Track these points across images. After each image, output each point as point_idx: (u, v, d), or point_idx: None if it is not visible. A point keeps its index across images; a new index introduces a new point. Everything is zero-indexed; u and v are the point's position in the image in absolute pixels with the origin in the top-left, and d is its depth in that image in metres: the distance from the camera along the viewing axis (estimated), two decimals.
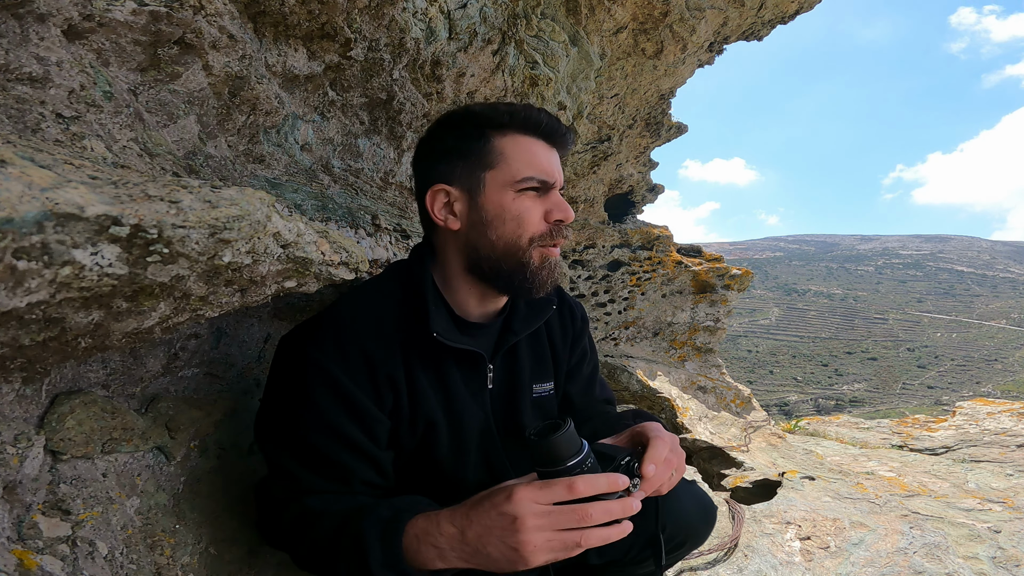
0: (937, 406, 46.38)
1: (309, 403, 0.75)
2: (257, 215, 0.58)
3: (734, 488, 2.23)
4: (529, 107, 0.84)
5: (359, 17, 0.98)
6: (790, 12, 2.48)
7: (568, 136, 0.87)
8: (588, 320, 1.11)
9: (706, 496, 1.02)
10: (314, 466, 0.76)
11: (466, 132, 0.83)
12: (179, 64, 0.76)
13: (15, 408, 0.65)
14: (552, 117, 0.85)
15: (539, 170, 0.82)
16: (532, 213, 0.81)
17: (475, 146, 0.82)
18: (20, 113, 0.58)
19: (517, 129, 0.83)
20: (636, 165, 3.18)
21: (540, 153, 0.83)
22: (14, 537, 0.61)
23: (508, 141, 0.82)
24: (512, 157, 0.81)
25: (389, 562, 0.64)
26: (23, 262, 0.40)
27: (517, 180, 0.81)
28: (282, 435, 0.77)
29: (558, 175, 0.85)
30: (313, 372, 0.75)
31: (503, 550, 0.60)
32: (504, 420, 0.92)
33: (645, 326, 3.59)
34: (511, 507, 0.60)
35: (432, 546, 0.63)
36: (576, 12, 1.67)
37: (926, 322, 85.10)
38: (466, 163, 0.82)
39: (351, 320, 0.80)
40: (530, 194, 0.82)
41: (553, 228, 0.83)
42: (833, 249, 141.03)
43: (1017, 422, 2.88)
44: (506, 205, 0.81)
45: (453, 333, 0.83)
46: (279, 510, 0.77)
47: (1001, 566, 1.60)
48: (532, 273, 0.82)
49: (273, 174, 1.07)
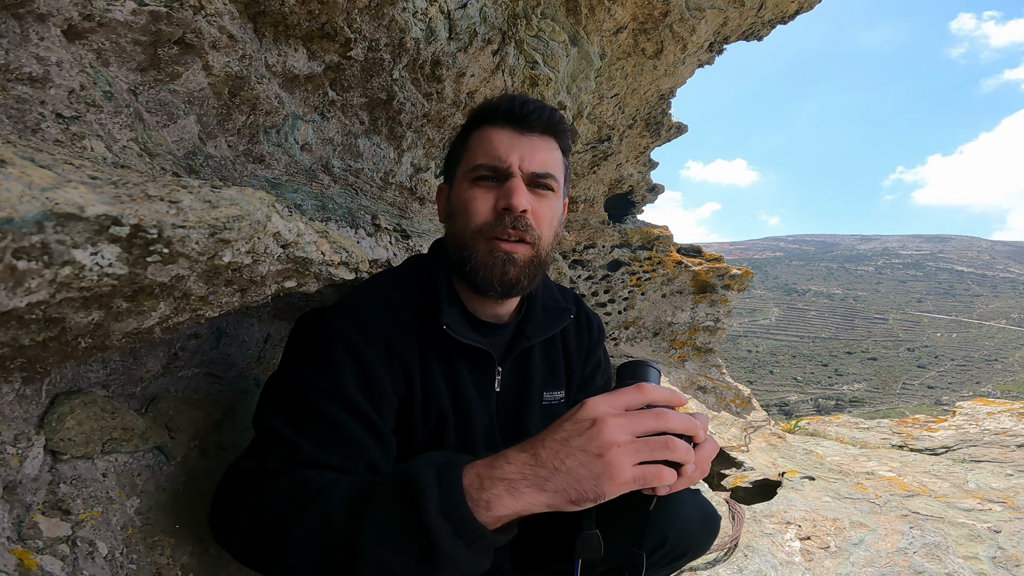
0: (937, 406, 46.40)
1: (324, 363, 0.70)
2: (257, 215, 0.58)
3: (734, 488, 2.23)
4: (510, 98, 0.81)
5: (359, 17, 0.98)
6: (790, 12, 2.48)
7: (538, 115, 0.80)
8: (604, 331, 1.09)
9: (709, 505, 0.97)
10: (318, 435, 0.66)
11: (459, 134, 0.89)
12: (179, 64, 0.76)
13: (15, 408, 0.65)
14: (518, 101, 0.80)
15: (489, 156, 0.79)
16: (479, 202, 0.78)
17: (457, 145, 0.87)
18: (20, 113, 0.58)
19: (484, 121, 0.82)
20: (636, 165, 3.18)
21: (498, 140, 0.79)
22: (14, 537, 0.61)
23: (475, 134, 0.83)
24: (473, 148, 0.82)
25: (448, 507, 0.50)
26: (23, 262, 0.40)
27: (470, 169, 0.80)
28: (287, 398, 0.69)
29: (515, 160, 0.78)
30: (332, 334, 0.72)
31: (585, 460, 0.50)
32: (509, 425, 0.89)
33: (645, 326, 3.59)
34: (587, 412, 0.53)
35: (499, 479, 0.51)
36: (576, 12, 1.67)
37: (926, 322, 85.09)
38: (452, 161, 0.87)
39: (370, 302, 0.79)
40: (484, 184, 0.79)
41: (499, 217, 0.77)
42: (833, 249, 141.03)
43: (1017, 422, 2.88)
44: (460, 196, 0.81)
45: (464, 329, 0.81)
46: (262, 485, 0.62)
47: (1001, 566, 1.60)
48: (473, 268, 0.78)
49: (273, 174, 1.07)
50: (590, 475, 0.50)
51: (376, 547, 0.52)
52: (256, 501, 0.61)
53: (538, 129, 0.81)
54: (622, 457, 0.50)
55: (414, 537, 0.50)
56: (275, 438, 0.66)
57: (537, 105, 0.81)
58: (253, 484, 0.63)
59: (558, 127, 0.83)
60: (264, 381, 1.12)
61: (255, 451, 0.67)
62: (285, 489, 0.60)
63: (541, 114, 0.80)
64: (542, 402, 0.93)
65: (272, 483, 0.62)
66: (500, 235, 0.78)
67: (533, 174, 0.79)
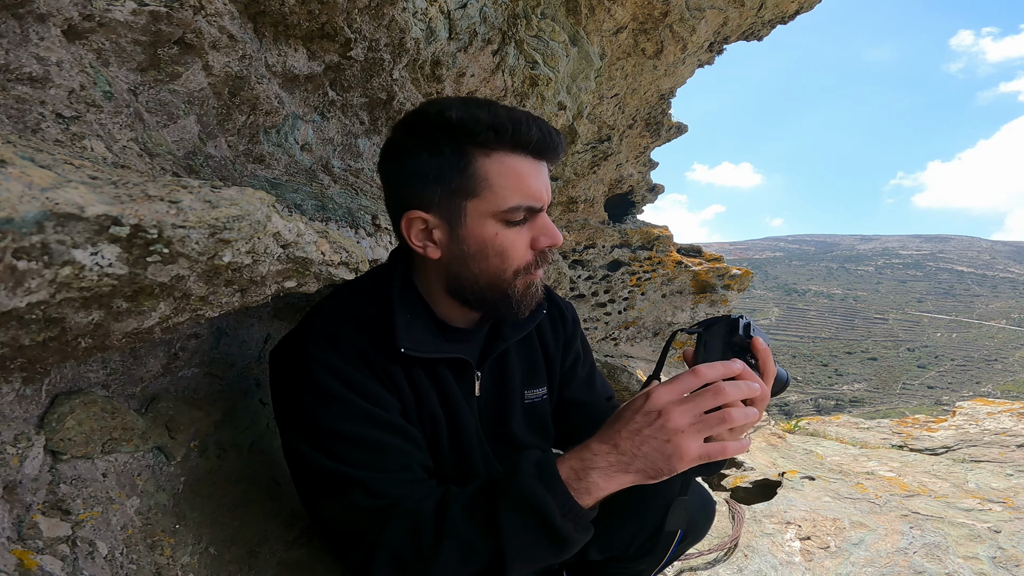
0: (937, 406, 46.38)
1: (321, 395, 0.71)
2: (257, 215, 0.58)
3: (734, 488, 2.23)
4: (517, 119, 0.71)
5: (359, 17, 0.98)
6: (790, 12, 2.48)
7: (561, 146, 0.77)
8: (579, 320, 1.08)
9: (705, 491, 1.02)
10: (374, 461, 0.70)
11: (442, 150, 0.71)
12: (179, 64, 0.76)
13: (15, 408, 0.65)
14: (543, 128, 0.73)
15: (527, 196, 0.72)
16: (518, 245, 0.75)
17: (455, 169, 0.71)
18: (20, 113, 0.58)
19: (504, 148, 0.71)
20: (636, 165, 3.18)
21: (528, 174, 0.73)
22: (14, 537, 0.61)
23: (493, 163, 0.71)
24: (497, 184, 0.71)
25: (567, 510, 0.62)
26: (23, 262, 0.40)
27: (503, 211, 0.72)
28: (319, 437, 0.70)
29: (547, 195, 0.76)
30: (314, 365, 0.72)
31: (658, 446, 0.60)
32: (493, 428, 0.90)
33: (645, 326, 3.59)
34: (652, 404, 0.61)
35: (592, 469, 0.62)
36: (576, 12, 1.67)
37: (926, 322, 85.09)
38: (445, 189, 0.72)
39: (341, 320, 0.78)
40: (515, 226, 0.74)
41: (539, 256, 0.77)
42: (833, 249, 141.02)
43: (1017, 422, 2.88)
44: (488, 239, 0.73)
45: (431, 343, 0.80)
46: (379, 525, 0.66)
47: (1001, 566, 1.60)
48: (516, 302, 0.79)
49: (273, 174, 1.07)
50: (663, 457, 0.60)
51: (521, 552, 0.63)
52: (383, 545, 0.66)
53: (551, 159, 0.78)
54: (688, 440, 0.59)
55: (550, 539, 0.63)
56: (341, 479, 0.69)
57: (557, 132, 0.76)
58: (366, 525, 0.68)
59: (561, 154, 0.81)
60: (264, 382, 1.12)
61: (333, 496, 0.70)
62: (403, 528, 0.66)
63: (559, 146, 0.77)
64: (524, 401, 0.93)
65: (385, 520, 0.67)
66: (536, 270, 0.79)
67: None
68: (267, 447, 1.04)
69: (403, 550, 0.66)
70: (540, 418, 0.96)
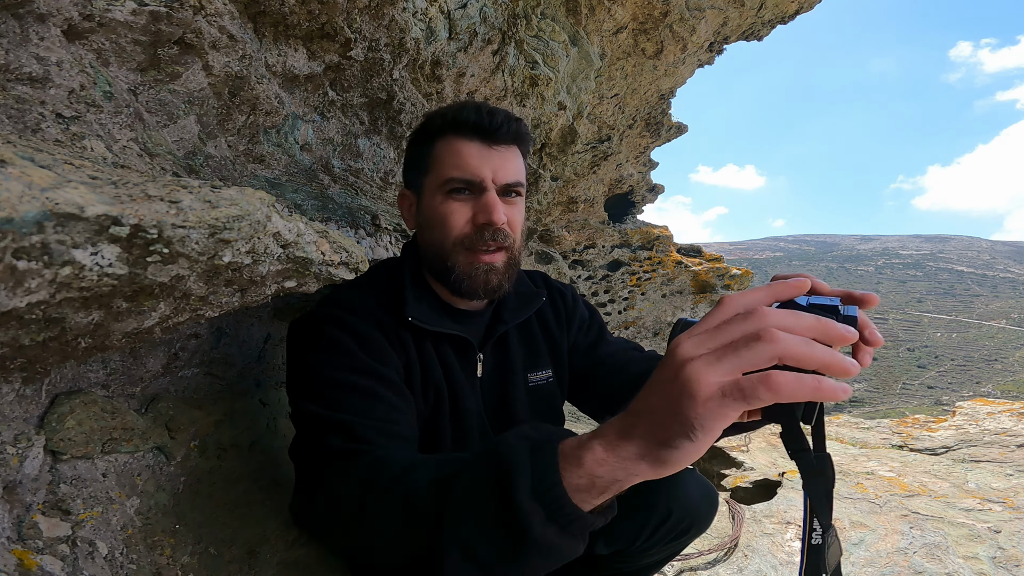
0: (937, 406, 46.36)
1: (330, 345, 0.75)
2: (257, 215, 0.58)
3: (734, 488, 2.23)
4: (463, 106, 0.83)
5: (359, 17, 0.98)
6: (790, 12, 2.48)
7: (507, 128, 0.82)
8: (579, 296, 1.11)
9: (708, 482, 1.02)
10: (359, 407, 0.69)
11: (418, 139, 0.88)
12: (179, 64, 0.76)
13: (15, 408, 0.65)
14: (486, 113, 0.81)
15: (463, 170, 0.81)
16: (456, 216, 0.82)
17: (422, 153, 0.87)
18: (20, 113, 0.58)
19: (449, 131, 0.83)
20: (636, 165, 3.18)
21: (468, 154, 0.81)
22: (14, 537, 0.61)
23: (441, 144, 0.84)
24: (441, 160, 0.83)
25: (542, 486, 0.43)
26: (23, 262, 0.40)
27: (442, 182, 0.82)
28: (317, 386, 0.72)
29: (488, 174, 0.81)
30: (325, 320, 0.78)
31: (662, 388, 0.41)
32: (495, 410, 0.93)
33: (645, 326, 3.59)
34: (670, 348, 0.42)
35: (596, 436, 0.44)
36: (576, 12, 1.67)
37: (926, 322, 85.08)
38: (416, 169, 0.88)
39: (355, 293, 0.84)
40: (459, 196, 0.82)
41: (478, 231, 0.81)
42: (833, 249, 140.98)
43: (1017, 422, 2.88)
44: (433, 208, 0.84)
45: (435, 318, 0.85)
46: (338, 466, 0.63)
47: (1001, 566, 1.60)
48: (458, 278, 0.83)
49: (273, 174, 1.07)
50: (668, 404, 0.40)
51: (462, 527, 0.47)
52: (333, 484, 0.63)
53: (506, 140, 0.84)
54: (699, 369, 0.38)
55: (502, 520, 0.44)
56: (326, 423, 0.68)
57: (504, 116, 0.83)
58: (325, 468, 0.65)
59: (524, 137, 0.87)
60: (264, 382, 1.13)
61: (312, 438, 0.69)
62: (362, 470, 0.61)
63: (509, 127, 0.83)
64: (528, 384, 0.96)
65: (346, 464, 0.63)
66: (480, 248, 0.82)
67: (505, 185, 0.83)
68: (267, 447, 1.04)
69: (348, 499, 0.58)
70: (546, 401, 0.98)
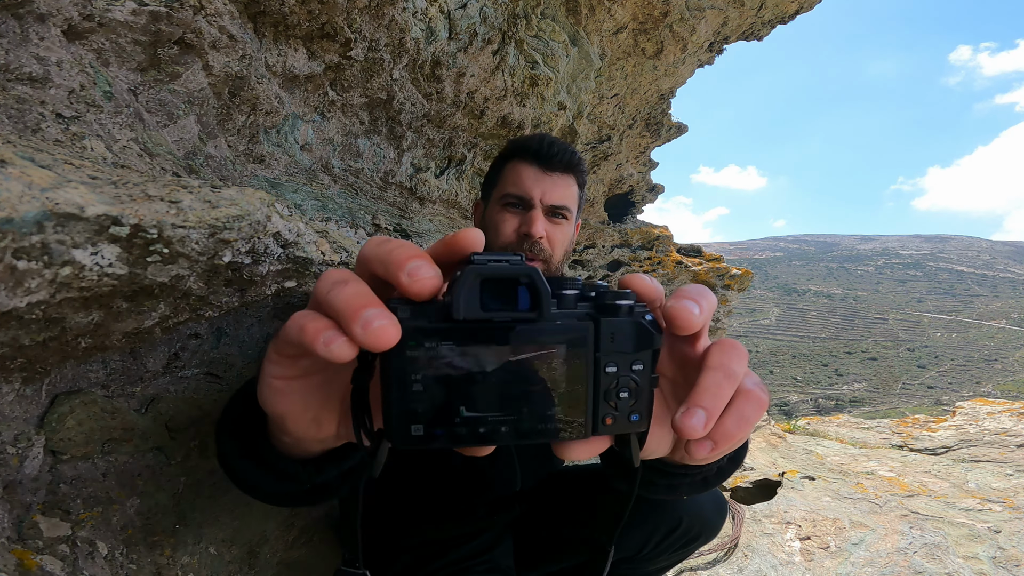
0: (937, 406, 46.34)
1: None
2: (257, 215, 0.58)
3: (734, 488, 2.23)
4: (532, 136, 0.99)
5: (359, 17, 0.98)
6: (790, 12, 2.48)
7: (561, 157, 0.96)
8: None
9: (718, 490, 1.06)
10: None
11: (496, 160, 1.06)
12: (179, 64, 0.76)
13: (15, 408, 0.65)
14: (547, 144, 0.96)
15: (518, 187, 0.96)
16: (507, 224, 0.96)
17: (494, 170, 1.04)
18: (20, 113, 0.58)
19: (516, 156, 0.99)
20: (636, 165, 3.18)
21: (526, 175, 0.96)
22: (14, 537, 0.61)
23: (508, 166, 1.00)
24: (505, 178, 0.99)
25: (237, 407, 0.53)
26: (23, 262, 0.40)
27: (502, 196, 0.98)
28: None
29: (538, 194, 0.95)
30: None
31: None
32: None
33: None
34: None
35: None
36: (576, 12, 1.67)
37: (926, 322, 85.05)
38: (488, 184, 1.05)
39: None
40: (512, 209, 0.96)
41: (520, 240, 0.94)
42: (833, 249, 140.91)
43: (1017, 422, 2.88)
44: (492, 216, 0.99)
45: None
46: None
47: (1001, 566, 1.60)
48: None
49: (273, 174, 1.07)
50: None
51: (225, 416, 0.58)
52: None
53: (559, 169, 0.97)
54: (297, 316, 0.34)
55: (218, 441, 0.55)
56: None
57: (561, 148, 0.97)
58: None
59: (577, 167, 1.00)
60: None
61: None
62: None
63: (563, 156, 0.97)
64: None
65: None
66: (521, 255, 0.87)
67: (552, 206, 0.96)
68: None
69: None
70: None
